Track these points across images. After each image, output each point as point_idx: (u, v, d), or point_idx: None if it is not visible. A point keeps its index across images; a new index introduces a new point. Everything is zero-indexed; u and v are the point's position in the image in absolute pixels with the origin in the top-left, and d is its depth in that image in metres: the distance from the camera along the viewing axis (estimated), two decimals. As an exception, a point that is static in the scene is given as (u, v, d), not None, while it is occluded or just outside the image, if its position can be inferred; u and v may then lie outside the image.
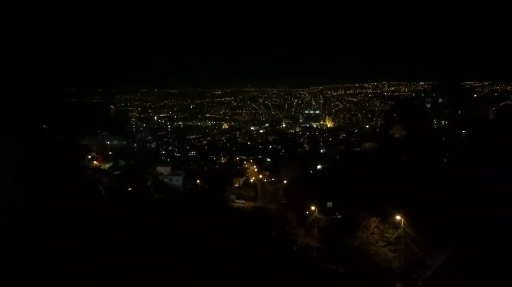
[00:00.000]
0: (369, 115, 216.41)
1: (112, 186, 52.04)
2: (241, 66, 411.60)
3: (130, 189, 54.29)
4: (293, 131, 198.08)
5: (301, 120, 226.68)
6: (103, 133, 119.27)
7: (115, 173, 70.00)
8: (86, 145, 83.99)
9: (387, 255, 32.57)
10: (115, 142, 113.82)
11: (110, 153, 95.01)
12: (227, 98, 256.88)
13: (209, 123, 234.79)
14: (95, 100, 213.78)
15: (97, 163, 75.85)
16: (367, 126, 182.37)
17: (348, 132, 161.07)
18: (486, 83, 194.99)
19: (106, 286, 15.32)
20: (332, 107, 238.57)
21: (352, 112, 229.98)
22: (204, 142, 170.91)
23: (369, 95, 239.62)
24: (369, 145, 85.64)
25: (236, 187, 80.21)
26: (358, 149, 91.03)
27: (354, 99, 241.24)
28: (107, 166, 78.65)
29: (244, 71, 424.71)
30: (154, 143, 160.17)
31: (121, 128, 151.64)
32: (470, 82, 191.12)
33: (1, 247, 14.94)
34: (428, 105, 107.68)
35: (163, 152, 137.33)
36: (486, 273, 25.21)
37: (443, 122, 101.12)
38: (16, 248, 15.18)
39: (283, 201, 58.59)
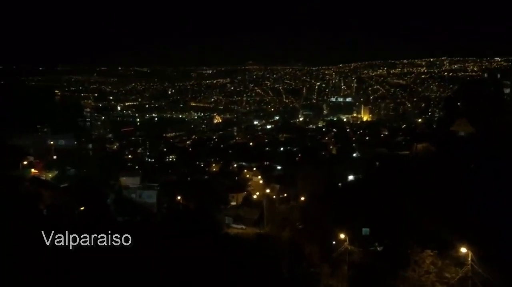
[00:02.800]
0: (422, 105, 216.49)
1: (57, 204, 52.27)
2: (241, 35, 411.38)
3: (82, 208, 54.48)
4: (314, 126, 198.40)
5: (325, 111, 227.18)
6: (45, 129, 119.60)
7: (61, 185, 70.36)
8: (21, 147, 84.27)
9: (448, 303, 32.61)
10: (62, 142, 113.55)
11: (54, 157, 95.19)
12: (221, 80, 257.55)
13: (195, 115, 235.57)
14: (33, 83, 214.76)
15: (36, 171, 76.17)
16: (420, 120, 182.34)
17: (393, 129, 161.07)
18: None
19: None
20: (370, 92, 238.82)
21: (398, 100, 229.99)
22: (188, 142, 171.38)
23: (423, 76, 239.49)
24: (422, 147, 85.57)
25: (234, 206, 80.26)
26: (407, 152, 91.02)
27: (401, 81, 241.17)
28: (50, 175, 78.92)
29: (245, 42, 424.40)
30: (117, 144, 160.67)
31: (70, 122, 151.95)
32: None
33: None
34: (507, 91, 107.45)
35: (130, 156, 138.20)
36: None
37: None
38: None
39: (300, 227, 58.62)
